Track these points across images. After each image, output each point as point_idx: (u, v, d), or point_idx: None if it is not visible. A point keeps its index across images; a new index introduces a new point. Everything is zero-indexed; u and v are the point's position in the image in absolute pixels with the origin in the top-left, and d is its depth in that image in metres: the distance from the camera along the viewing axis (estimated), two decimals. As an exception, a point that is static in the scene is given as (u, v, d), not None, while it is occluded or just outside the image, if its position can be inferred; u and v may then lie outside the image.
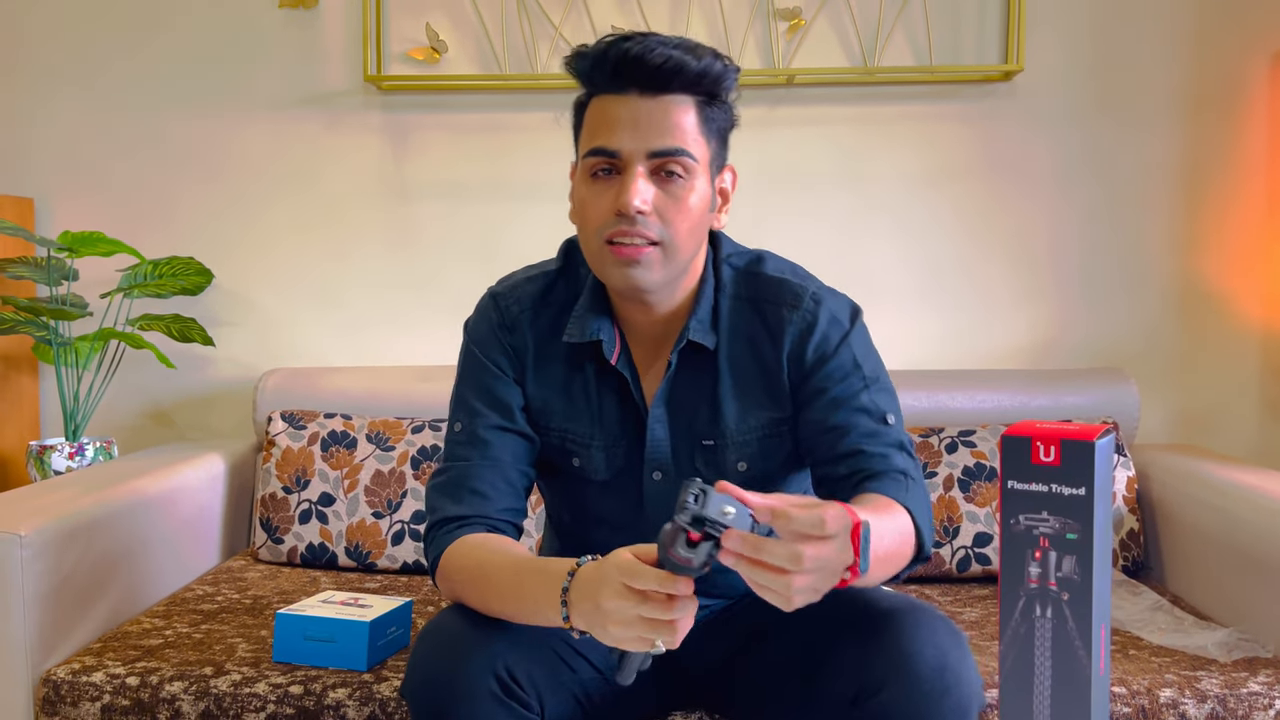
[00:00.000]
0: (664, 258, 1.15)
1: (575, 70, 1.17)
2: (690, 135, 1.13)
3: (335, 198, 2.38)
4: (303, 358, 2.40)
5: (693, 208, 1.15)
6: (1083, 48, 2.27)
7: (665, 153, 1.12)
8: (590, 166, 1.15)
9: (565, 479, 1.30)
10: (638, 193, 1.11)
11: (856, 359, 1.22)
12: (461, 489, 1.22)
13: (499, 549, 1.15)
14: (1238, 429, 2.31)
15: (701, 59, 1.12)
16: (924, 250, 2.32)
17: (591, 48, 1.14)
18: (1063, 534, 0.81)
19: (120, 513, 1.73)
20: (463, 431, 1.26)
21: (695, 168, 1.14)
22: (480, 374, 1.28)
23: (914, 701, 1.04)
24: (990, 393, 2.11)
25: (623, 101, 1.13)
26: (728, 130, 1.20)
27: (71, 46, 2.38)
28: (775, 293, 1.24)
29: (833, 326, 1.22)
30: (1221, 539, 1.75)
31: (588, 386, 1.26)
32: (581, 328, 1.23)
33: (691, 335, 1.21)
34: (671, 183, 1.13)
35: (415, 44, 2.32)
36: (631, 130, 1.12)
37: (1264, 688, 1.43)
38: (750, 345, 1.24)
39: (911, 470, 1.17)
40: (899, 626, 1.08)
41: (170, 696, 1.44)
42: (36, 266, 2.19)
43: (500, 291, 1.31)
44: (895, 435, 1.19)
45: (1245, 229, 2.27)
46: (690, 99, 1.13)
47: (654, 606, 0.92)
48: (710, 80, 1.13)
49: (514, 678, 1.08)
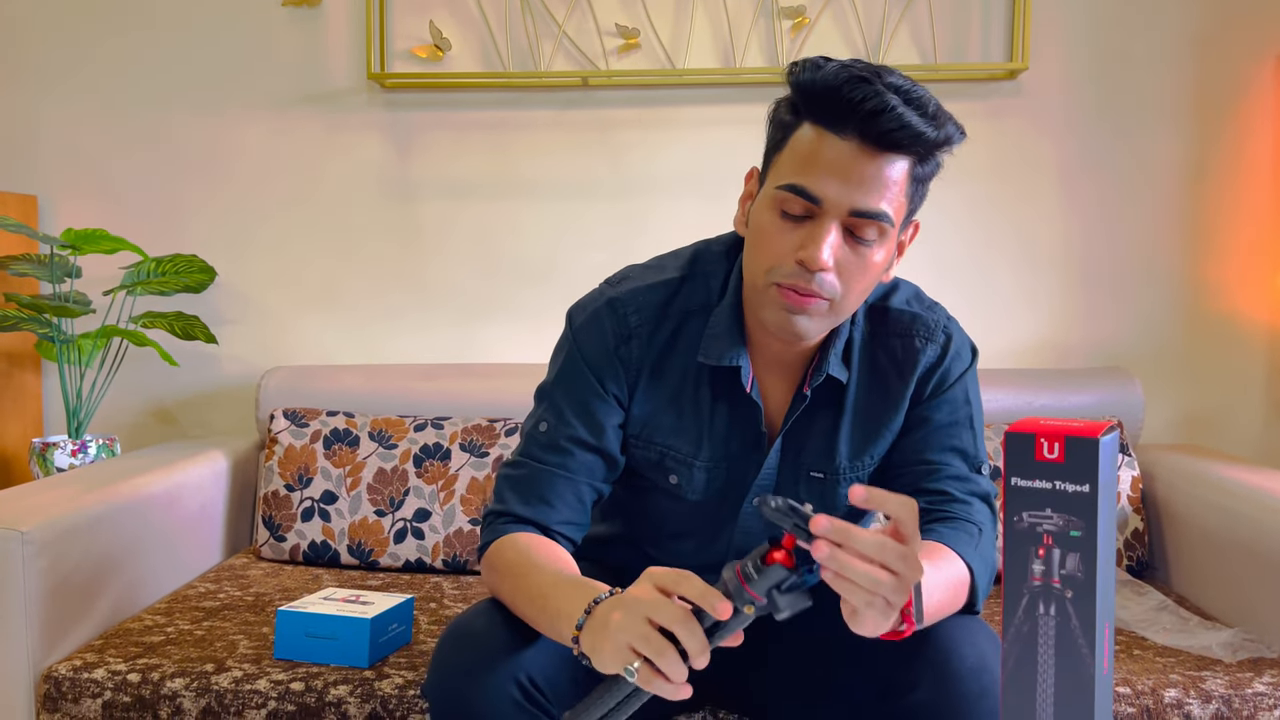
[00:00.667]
0: (830, 312, 1.10)
1: (796, 84, 1.09)
2: (897, 197, 1.06)
3: (338, 196, 2.38)
4: (305, 356, 2.40)
5: (873, 268, 1.09)
6: (1088, 47, 2.26)
7: (869, 215, 1.04)
8: (783, 199, 1.07)
9: (653, 494, 1.26)
10: (827, 249, 1.04)
11: (968, 396, 1.21)
12: (531, 492, 1.19)
13: (549, 554, 1.13)
14: (1243, 429, 2.30)
15: (941, 129, 1.05)
16: (928, 249, 2.31)
17: (824, 73, 1.04)
18: (1066, 531, 0.81)
19: (122, 510, 1.73)
20: (547, 434, 1.20)
21: (889, 231, 1.07)
22: (580, 387, 1.20)
23: (951, 701, 1.03)
24: (994, 391, 2.11)
25: (840, 147, 1.04)
26: (928, 181, 1.12)
27: (74, 44, 2.38)
28: (908, 326, 1.21)
29: (956, 360, 1.21)
30: (1226, 539, 1.75)
31: (700, 405, 1.21)
32: (718, 350, 1.17)
33: (831, 370, 1.17)
34: (862, 244, 1.07)
35: (419, 42, 2.32)
36: (841, 181, 1.03)
37: (1269, 688, 1.43)
38: (879, 378, 1.21)
39: (987, 526, 1.15)
40: (937, 626, 1.06)
41: (172, 693, 1.44)
42: (40, 264, 2.19)
43: (619, 296, 1.20)
44: (984, 486, 1.18)
45: (1251, 228, 2.26)
46: (909, 158, 1.06)
47: (666, 611, 0.87)
48: (940, 147, 1.07)
49: (535, 685, 1.07)
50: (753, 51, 2.28)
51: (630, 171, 2.33)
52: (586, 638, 0.95)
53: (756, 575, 0.85)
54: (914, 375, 1.19)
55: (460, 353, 2.37)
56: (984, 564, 1.11)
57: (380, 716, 1.40)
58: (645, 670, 0.88)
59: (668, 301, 1.20)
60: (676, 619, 0.87)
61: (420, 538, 1.99)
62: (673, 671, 0.87)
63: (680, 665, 0.87)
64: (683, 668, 0.87)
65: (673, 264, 1.24)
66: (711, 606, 0.86)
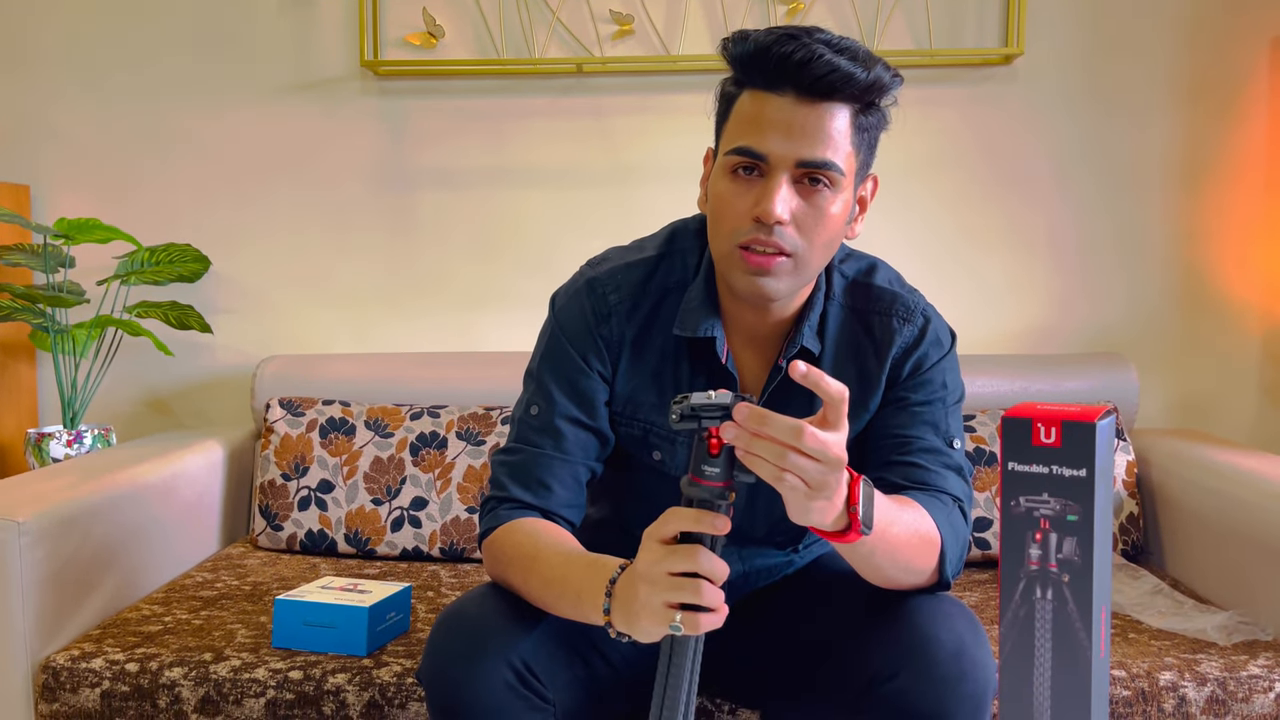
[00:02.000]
0: (795, 269, 1.11)
1: (731, 57, 1.11)
2: (842, 146, 1.08)
3: (333, 184, 2.37)
4: (301, 344, 2.39)
5: (831, 221, 1.10)
6: (1083, 31, 2.26)
7: (815, 164, 1.07)
8: (732, 164, 1.10)
9: (639, 471, 1.27)
10: (780, 202, 1.06)
11: (946, 380, 1.22)
12: (529, 476, 1.19)
13: (554, 537, 1.14)
14: (1236, 414, 2.31)
15: (871, 70, 1.06)
16: (923, 234, 2.31)
17: (752, 39, 1.07)
18: (1063, 516, 0.81)
19: (119, 500, 1.73)
20: (539, 417, 1.21)
21: (841, 180, 1.09)
22: (565, 365, 1.22)
23: (931, 686, 1.04)
24: (989, 378, 2.11)
25: (777, 103, 1.06)
26: (877, 135, 1.15)
27: (67, 33, 2.37)
28: (887, 305, 1.22)
29: (935, 345, 1.22)
30: (1221, 523, 1.75)
31: (680, 381, 1.22)
32: (694, 322, 1.19)
33: (805, 341, 1.19)
34: (815, 194, 1.08)
35: (412, 29, 2.31)
36: (783, 135, 1.06)
37: (1264, 670, 1.44)
38: (854, 354, 1.22)
39: (961, 496, 1.16)
40: (916, 612, 1.08)
41: (170, 682, 1.44)
42: (33, 253, 2.18)
43: (597, 277, 1.23)
44: (956, 460, 1.18)
45: (1245, 214, 2.27)
46: (848, 107, 1.08)
47: (680, 558, 0.90)
48: (874, 91, 1.08)
49: (530, 669, 1.07)
50: (747, 37, 2.27)
51: (625, 158, 2.33)
52: (619, 619, 0.97)
53: (714, 468, 0.90)
54: (890, 355, 1.21)
55: (456, 341, 2.37)
56: (953, 533, 1.12)
57: (379, 704, 1.40)
58: (689, 617, 0.91)
59: (646, 279, 1.23)
60: (688, 557, 0.90)
61: (417, 526, 1.99)
62: (712, 600, 0.90)
63: (715, 591, 0.91)
64: (719, 593, 0.91)
65: (651, 243, 1.27)
66: (711, 525, 0.90)
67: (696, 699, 0.95)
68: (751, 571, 1.32)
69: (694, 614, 0.90)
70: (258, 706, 1.42)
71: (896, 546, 1.03)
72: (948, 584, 1.13)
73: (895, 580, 1.08)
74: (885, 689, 1.06)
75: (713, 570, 0.90)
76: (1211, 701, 1.41)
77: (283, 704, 1.41)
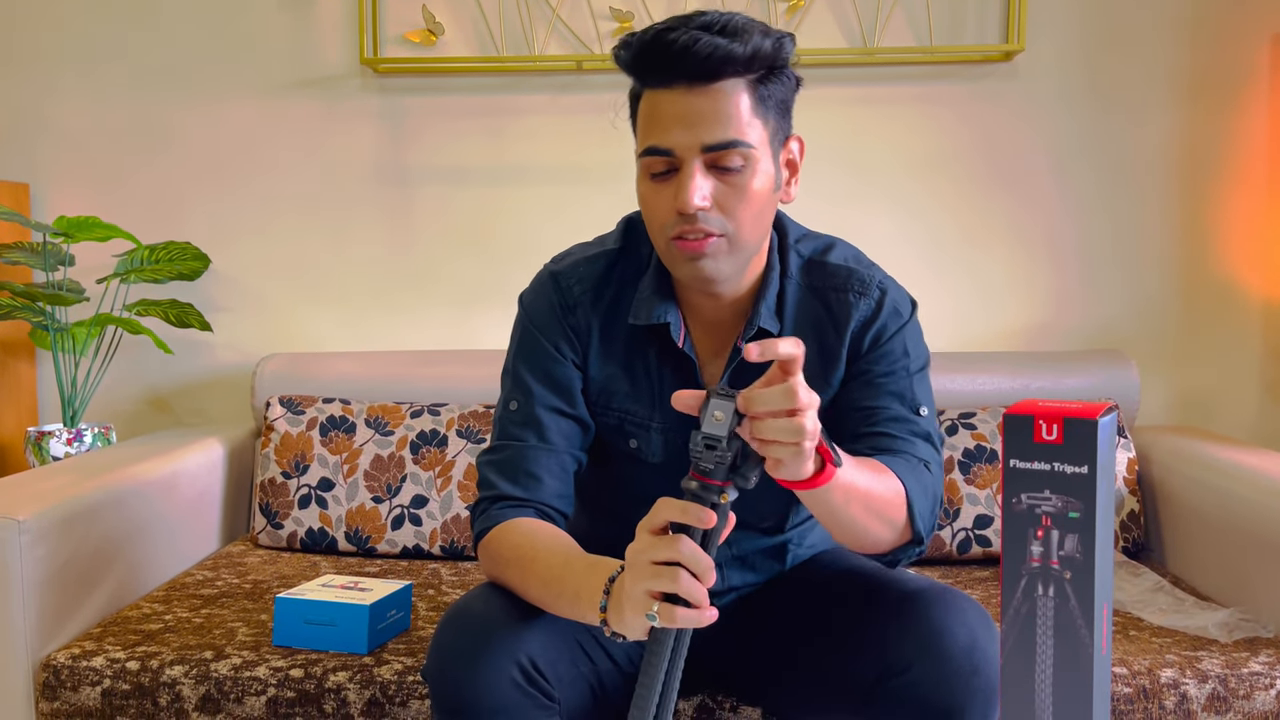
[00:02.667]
0: (730, 248, 1.12)
1: (623, 64, 1.13)
2: (744, 122, 1.08)
3: (333, 182, 2.37)
4: (301, 342, 2.39)
5: (755, 195, 1.11)
6: (1084, 28, 2.25)
7: (719, 146, 1.08)
8: (647, 166, 1.12)
9: (618, 461, 1.28)
10: (695, 191, 1.08)
11: (907, 348, 1.22)
12: (517, 470, 1.20)
13: (551, 536, 1.14)
14: (1238, 411, 2.31)
15: (748, 42, 1.06)
16: (923, 231, 2.31)
17: (634, 40, 1.10)
18: (1065, 512, 0.81)
19: (119, 498, 1.73)
20: (519, 411, 1.23)
21: (753, 154, 1.09)
22: (539, 355, 1.24)
23: (944, 679, 1.04)
24: (990, 375, 2.11)
25: (671, 97, 1.08)
26: (789, 99, 1.14)
27: (67, 31, 2.36)
28: (843, 281, 1.23)
29: (893, 316, 1.22)
30: (1222, 520, 1.75)
31: (650, 368, 1.24)
32: (647, 311, 1.21)
33: (762, 322, 1.19)
34: (730, 174, 1.09)
35: (411, 26, 2.31)
36: (683, 126, 1.07)
37: (1265, 668, 1.44)
38: (814, 332, 1.22)
39: (929, 459, 1.16)
40: (928, 606, 1.08)
41: (171, 680, 1.44)
42: (33, 252, 2.18)
43: (560, 270, 1.26)
44: (924, 426, 1.19)
45: (1246, 210, 2.27)
46: (742, 81, 1.08)
47: (662, 546, 0.90)
48: (762, 59, 1.08)
49: (536, 667, 1.07)
50: (747, 34, 2.27)
51: (625, 155, 2.32)
52: (613, 616, 0.97)
53: (712, 465, 0.89)
54: (849, 329, 1.21)
55: (456, 338, 2.37)
56: (920, 487, 1.12)
57: (379, 702, 1.40)
58: (665, 608, 0.90)
59: (607, 271, 1.25)
60: (670, 548, 0.90)
61: (418, 524, 1.99)
62: (691, 593, 0.89)
63: (695, 584, 0.89)
64: (699, 586, 0.90)
65: (610, 238, 1.29)
66: (697, 519, 0.89)
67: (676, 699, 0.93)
68: (744, 556, 1.31)
69: (671, 606, 0.90)
70: (259, 705, 1.42)
71: (867, 495, 1.03)
72: (921, 539, 1.13)
73: (871, 534, 1.08)
74: (897, 682, 1.06)
75: (694, 560, 0.89)
76: (1213, 699, 1.41)
77: (283, 702, 1.41)
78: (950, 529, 1.93)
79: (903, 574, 1.19)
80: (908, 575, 1.19)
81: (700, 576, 0.90)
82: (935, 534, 1.92)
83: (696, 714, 1.37)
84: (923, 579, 1.16)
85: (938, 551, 1.93)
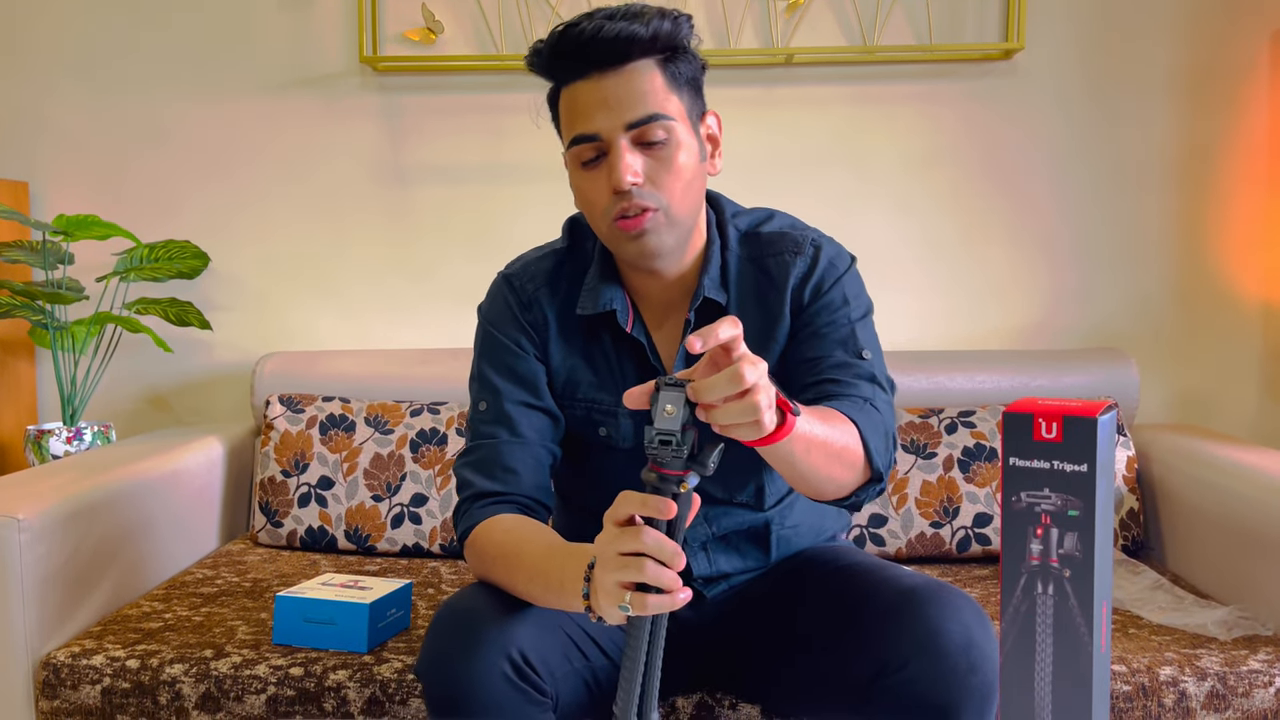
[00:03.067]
0: (668, 220, 1.17)
1: (536, 68, 1.19)
2: (660, 96, 1.15)
3: (332, 180, 2.37)
4: (300, 341, 2.39)
5: (683, 166, 1.16)
6: (1083, 26, 2.25)
7: (641, 121, 1.14)
8: (578, 155, 1.17)
9: (591, 450, 1.30)
10: (627, 168, 1.13)
11: (846, 296, 1.26)
12: (493, 466, 1.23)
13: (533, 530, 1.16)
14: (1237, 409, 2.31)
15: (649, 22, 1.13)
16: (923, 230, 2.31)
17: (544, 42, 1.16)
18: (1064, 511, 0.81)
19: (119, 496, 1.73)
20: (488, 410, 1.26)
21: (675, 126, 1.15)
22: (501, 353, 1.28)
23: (940, 677, 1.04)
24: (989, 373, 2.11)
25: (587, 85, 1.15)
26: (698, 78, 1.21)
27: (66, 30, 2.36)
28: (779, 245, 1.28)
29: (829, 268, 1.26)
30: (1221, 518, 1.76)
31: (609, 355, 1.28)
32: (594, 299, 1.25)
33: (707, 293, 1.23)
34: (656, 148, 1.15)
35: (411, 25, 2.31)
36: (604, 110, 1.14)
37: (1264, 665, 1.44)
38: (758, 297, 1.27)
39: (874, 398, 1.18)
40: (924, 604, 1.08)
41: (171, 679, 1.44)
42: (32, 250, 2.18)
43: (512, 273, 1.32)
44: (868, 369, 1.22)
45: (1246, 209, 2.27)
46: (651, 61, 1.15)
47: (627, 538, 0.90)
48: (665, 39, 1.14)
49: (528, 661, 1.08)
50: (747, 33, 2.27)
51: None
52: (595, 602, 0.98)
53: (670, 455, 0.89)
54: (788, 287, 1.26)
55: (456, 337, 2.37)
56: (870, 423, 1.13)
57: (379, 701, 1.40)
58: (637, 597, 0.90)
59: (557, 267, 1.31)
60: (635, 539, 0.90)
61: (417, 522, 1.99)
62: (660, 579, 0.90)
63: (663, 570, 0.90)
64: (668, 572, 0.90)
65: (557, 240, 1.35)
66: (658, 511, 0.90)
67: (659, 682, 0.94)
68: (725, 536, 1.31)
69: (643, 595, 0.90)
70: (258, 703, 1.42)
71: (825, 443, 1.04)
72: (880, 475, 1.14)
73: (834, 480, 1.09)
74: (894, 680, 1.06)
75: (660, 549, 0.90)
76: (1212, 696, 1.41)
77: (283, 700, 1.41)
78: (949, 527, 1.93)
79: (899, 570, 1.19)
80: (904, 572, 1.19)
81: (668, 563, 0.90)
82: (935, 532, 1.92)
83: (696, 711, 1.37)
84: (919, 576, 1.16)
85: (937, 550, 1.93)
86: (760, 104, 2.29)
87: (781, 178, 2.30)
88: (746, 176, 2.30)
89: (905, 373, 2.09)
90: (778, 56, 2.24)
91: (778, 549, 1.34)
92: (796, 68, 2.29)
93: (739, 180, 2.32)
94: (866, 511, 1.94)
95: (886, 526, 1.94)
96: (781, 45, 2.25)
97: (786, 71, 2.29)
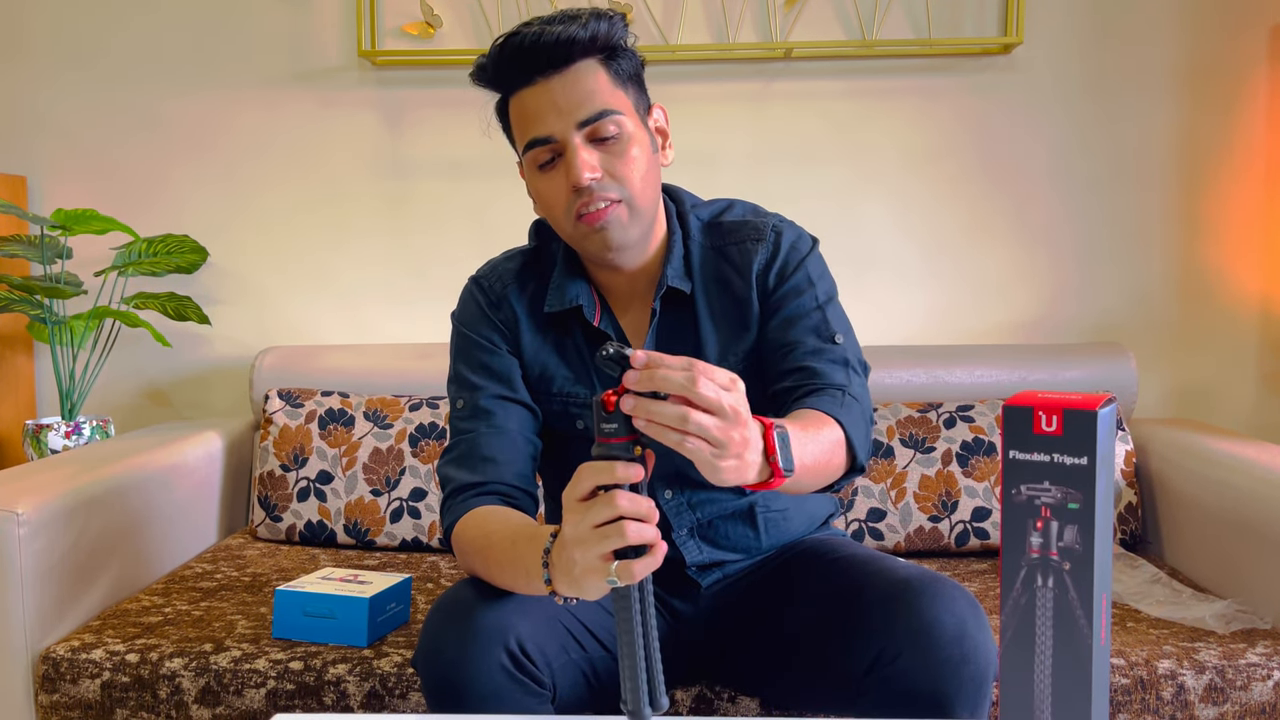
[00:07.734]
0: (630, 212, 1.20)
1: (483, 81, 1.23)
2: (607, 93, 1.18)
3: (330, 174, 2.36)
4: (299, 336, 2.39)
5: (637, 157, 1.20)
6: (1082, 20, 2.25)
7: (593, 119, 1.17)
8: (534, 159, 1.20)
9: (571, 444, 1.31)
10: (584, 165, 1.16)
11: (811, 278, 1.28)
12: (473, 458, 1.23)
13: (504, 518, 1.15)
14: (1235, 403, 2.32)
15: (586, 24, 1.17)
16: (921, 224, 2.31)
17: (489, 59, 1.20)
18: (1064, 504, 0.81)
19: (118, 491, 1.73)
20: (466, 407, 1.28)
21: (624, 120, 1.19)
22: (475, 351, 1.31)
23: (932, 668, 1.05)
24: (988, 367, 2.11)
25: (535, 90, 1.18)
26: (638, 73, 1.24)
27: (64, 23, 2.36)
28: (741, 233, 1.30)
29: (792, 251, 1.29)
30: (1219, 512, 1.76)
31: (581, 350, 1.30)
32: (560, 296, 1.28)
33: (670, 282, 1.26)
34: (609, 143, 1.18)
35: (410, 18, 2.30)
36: (554, 112, 1.17)
37: (1262, 659, 1.44)
38: (722, 284, 1.29)
39: (851, 386, 1.20)
40: (917, 595, 1.09)
41: (170, 673, 1.44)
42: (30, 244, 2.17)
43: (481, 275, 1.36)
44: (841, 353, 1.23)
45: (1244, 203, 2.27)
46: (593, 60, 1.18)
47: (600, 508, 0.89)
48: (603, 38, 1.18)
49: (525, 652, 1.08)
50: (746, 27, 2.27)
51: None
52: (561, 585, 0.97)
53: (612, 424, 0.89)
54: (753, 273, 1.28)
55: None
56: (854, 419, 1.15)
57: (379, 695, 1.40)
58: (623, 567, 0.89)
59: (524, 268, 1.34)
60: (608, 505, 0.89)
61: (417, 517, 1.99)
62: (643, 536, 0.88)
63: (643, 526, 0.89)
64: (646, 527, 0.89)
65: (526, 242, 1.38)
66: (624, 474, 0.88)
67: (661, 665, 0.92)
68: (712, 521, 1.32)
69: (628, 563, 0.88)
70: (258, 697, 1.42)
71: (816, 466, 1.05)
72: (862, 467, 1.16)
73: (819, 484, 1.11)
74: (887, 671, 1.07)
75: (636, 509, 0.88)
76: (1210, 689, 1.41)
77: (283, 694, 1.42)
78: (948, 521, 1.93)
79: (893, 562, 1.20)
80: (898, 563, 1.19)
81: (645, 518, 0.89)
82: (934, 526, 1.93)
83: (695, 704, 1.37)
84: (913, 567, 1.17)
85: (935, 544, 1.93)
86: (759, 98, 2.29)
87: (780, 172, 2.30)
88: (745, 171, 2.30)
89: (903, 367, 2.09)
90: (777, 51, 2.24)
91: (768, 532, 1.34)
92: (795, 62, 2.29)
93: (737, 174, 2.33)
94: (865, 506, 1.95)
95: (885, 520, 1.94)
96: (780, 40, 2.25)
97: (786, 66, 2.29)
